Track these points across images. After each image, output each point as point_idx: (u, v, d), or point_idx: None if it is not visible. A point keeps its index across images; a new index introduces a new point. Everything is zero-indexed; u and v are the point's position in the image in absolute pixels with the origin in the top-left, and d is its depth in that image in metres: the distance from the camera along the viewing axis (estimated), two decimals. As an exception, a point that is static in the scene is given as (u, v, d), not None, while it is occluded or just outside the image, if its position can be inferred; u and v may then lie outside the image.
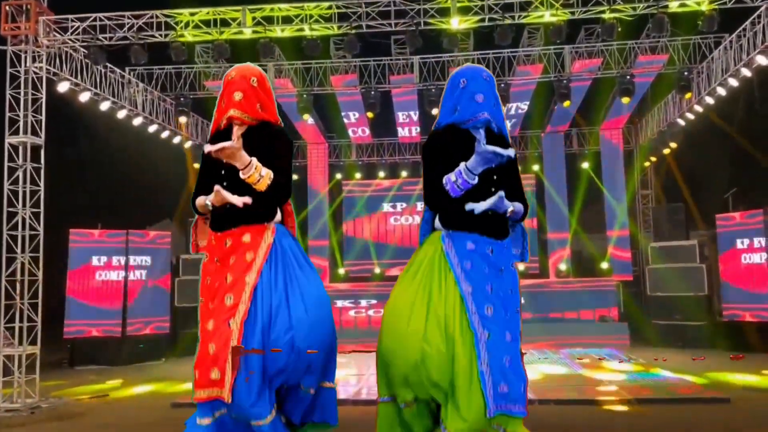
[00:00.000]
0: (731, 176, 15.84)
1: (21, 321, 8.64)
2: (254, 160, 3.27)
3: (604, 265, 15.41)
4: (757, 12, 9.15)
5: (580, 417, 7.20)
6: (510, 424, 3.12)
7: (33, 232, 8.93)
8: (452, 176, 3.20)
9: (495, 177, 3.30)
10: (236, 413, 3.25)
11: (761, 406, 7.56)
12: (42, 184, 9.02)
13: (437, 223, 3.38)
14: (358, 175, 17.09)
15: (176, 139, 13.49)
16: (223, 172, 3.39)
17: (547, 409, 7.67)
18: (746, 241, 12.56)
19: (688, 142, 14.07)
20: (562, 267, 15.40)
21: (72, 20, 9.33)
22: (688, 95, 11.77)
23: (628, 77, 11.97)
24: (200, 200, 3.52)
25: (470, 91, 3.25)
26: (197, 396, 3.27)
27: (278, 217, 3.54)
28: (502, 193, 3.18)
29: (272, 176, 3.32)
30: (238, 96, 3.32)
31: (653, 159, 15.47)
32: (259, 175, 3.28)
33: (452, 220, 3.26)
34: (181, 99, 12.57)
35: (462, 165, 3.17)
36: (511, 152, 3.17)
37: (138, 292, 12.67)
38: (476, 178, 3.15)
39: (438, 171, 3.28)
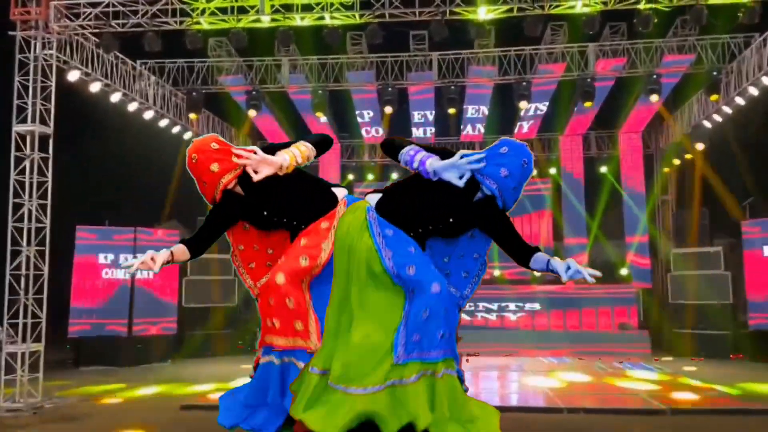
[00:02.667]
0: (750, 184, 15.42)
1: (25, 317, 8.28)
2: (286, 156, 3.34)
3: (624, 272, 14.98)
4: (797, 7, 8.77)
5: (614, 427, 6.80)
6: (439, 366, 3.18)
7: (39, 225, 8.59)
8: (422, 156, 3.26)
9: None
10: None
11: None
12: (50, 175, 8.69)
13: (371, 197, 3.47)
14: (370, 176, 16.72)
15: (187, 135, 13.15)
16: (265, 212, 3.46)
17: (578, 418, 7.28)
18: (773, 248, 12.15)
19: (713, 146, 13.65)
20: (580, 273, 14.94)
21: (84, 5, 9.01)
22: (714, 97, 11.39)
23: (655, 76, 11.61)
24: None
25: (502, 163, 3.25)
26: (276, 342, 3.33)
27: (342, 191, 3.59)
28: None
29: (307, 144, 3.44)
30: (215, 167, 3.38)
31: (676, 163, 15.04)
32: (300, 155, 3.38)
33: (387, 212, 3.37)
34: (194, 94, 12.24)
35: (429, 162, 3.25)
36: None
37: (145, 292, 12.30)
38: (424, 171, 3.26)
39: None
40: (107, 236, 12.26)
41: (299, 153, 3.38)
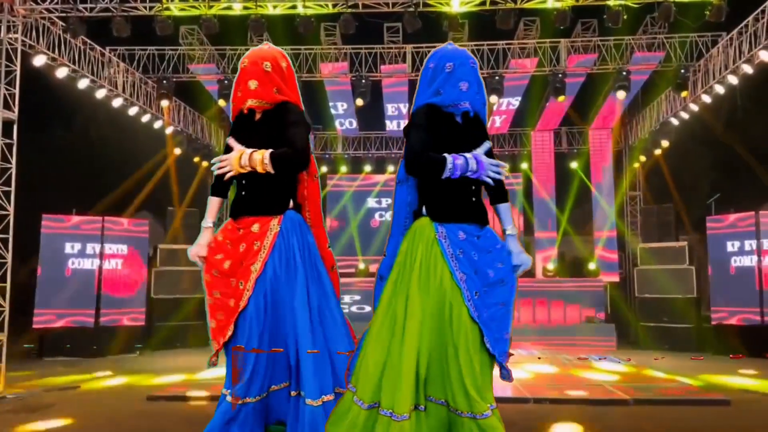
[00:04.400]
0: (715, 180, 15.77)
1: (-13, 306, 8.13)
2: (244, 154, 3.31)
3: (592, 266, 15.19)
4: (762, 6, 8.97)
5: (578, 416, 6.90)
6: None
7: (3, 212, 8.42)
8: (460, 160, 3.18)
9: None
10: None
11: (763, 409, 7.33)
12: (14, 161, 8.52)
13: (425, 211, 3.35)
14: (344, 169, 16.70)
15: (157, 124, 12.98)
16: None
17: (544, 408, 7.37)
18: (737, 244, 12.40)
19: (679, 142, 13.92)
20: (549, 266, 15.16)
21: (51, -12, 8.83)
22: (684, 93, 11.59)
23: (624, 73, 11.77)
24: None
25: (456, 78, 3.24)
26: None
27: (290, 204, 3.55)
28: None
29: (267, 155, 3.31)
30: (253, 84, 3.36)
31: (643, 159, 15.30)
32: (252, 160, 3.31)
33: (442, 213, 3.29)
34: (164, 82, 12.07)
35: (473, 160, 3.20)
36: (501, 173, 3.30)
37: (113, 282, 12.12)
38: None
39: (422, 138, 3.25)
40: (74, 225, 12.04)
41: (257, 160, 3.28)
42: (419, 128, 3.27)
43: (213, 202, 3.57)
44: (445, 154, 3.17)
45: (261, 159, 3.27)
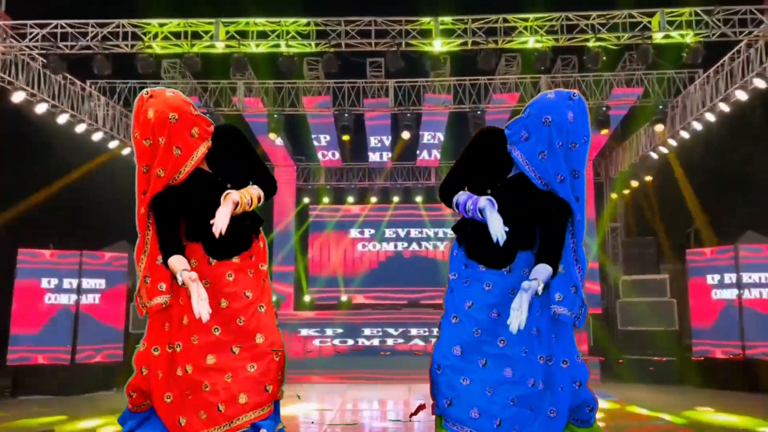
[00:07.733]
0: (695, 212, 15.90)
1: (-41, 348, 7.92)
2: (238, 196, 3.19)
3: (574, 298, 15.18)
4: (737, 47, 9.16)
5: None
6: None
7: (-23, 252, 8.26)
8: (469, 203, 3.20)
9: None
10: None
11: (747, 449, 7.31)
12: (-10, 199, 8.38)
13: None
14: (326, 200, 16.66)
15: (138, 157, 12.87)
16: (229, 186, 3.33)
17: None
18: (717, 277, 12.48)
19: (659, 175, 14.08)
20: (532, 298, 15.11)
21: (31, 26, 8.79)
22: (659, 129, 11.77)
23: (604, 109, 11.92)
24: (177, 263, 3.24)
25: (523, 125, 3.20)
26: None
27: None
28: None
29: (259, 190, 3.33)
30: (195, 132, 3.19)
31: (625, 192, 15.45)
32: (250, 200, 3.26)
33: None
34: (145, 115, 11.98)
35: (482, 202, 3.12)
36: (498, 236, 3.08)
37: (90, 318, 11.89)
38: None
39: (460, 171, 3.34)
40: (51, 260, 11.84)
41: (251, 200, 3.24)
42: (468, 158, 3.29)
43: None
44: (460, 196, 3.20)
45: (256, 194, 3.29)
